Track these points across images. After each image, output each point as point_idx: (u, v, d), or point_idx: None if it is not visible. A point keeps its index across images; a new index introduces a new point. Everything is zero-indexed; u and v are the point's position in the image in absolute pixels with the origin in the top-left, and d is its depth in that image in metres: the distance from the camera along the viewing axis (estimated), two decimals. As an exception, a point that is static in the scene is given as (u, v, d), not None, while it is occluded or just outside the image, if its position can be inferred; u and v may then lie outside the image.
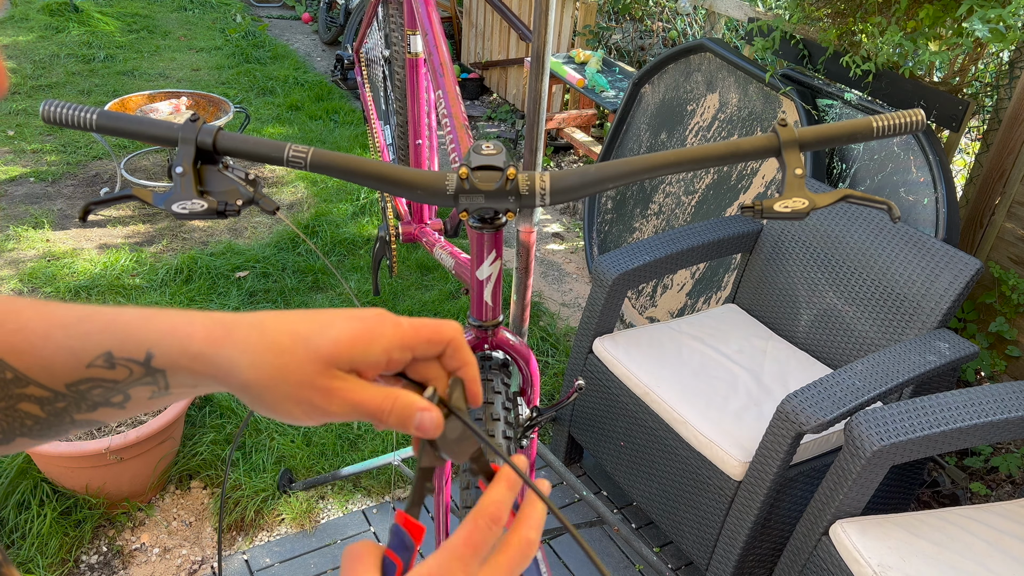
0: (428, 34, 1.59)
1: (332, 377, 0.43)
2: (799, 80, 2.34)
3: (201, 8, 6.52)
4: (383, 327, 0.44)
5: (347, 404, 0.43)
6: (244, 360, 0.43)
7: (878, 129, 0.80)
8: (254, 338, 0.43)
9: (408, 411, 0.44)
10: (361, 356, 0.43)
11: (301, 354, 0.42)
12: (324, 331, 0.43)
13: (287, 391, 0.43)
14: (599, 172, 0.79)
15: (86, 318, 0.44)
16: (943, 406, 1.45)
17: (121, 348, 0.43)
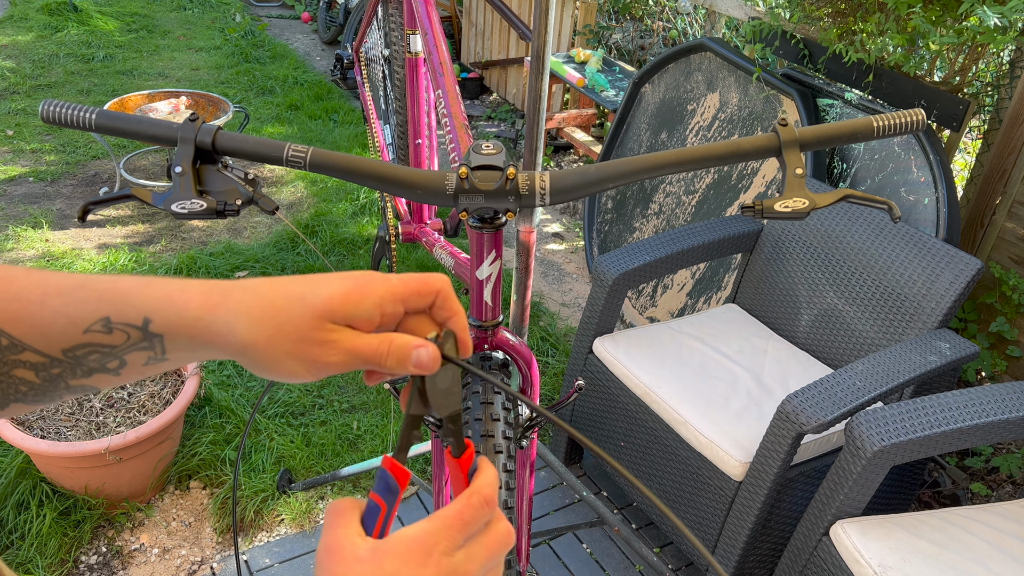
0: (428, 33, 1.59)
1: (329, 330, 0.44)
2: (799, 80, 2.34)
3: (200, 7, 6.52)
4: (373, 283, 0.46)
5: (345, 353, 0.45)
6: (241, 323, 0.44)
7: (879, 129, 0.80)
8: (249, 301, 0.44)
9: (405, 350, 0.46)
10: (354, 309, 0.45)
11: (296, 312, 0.44)
12: (317, 289, 0.45)
13: (287, 348, 0.44)
14: (599, 172, 0.79)
15: (81, 285, 0.45)
16: (944, 406, 1.45)
17: (119, 314, 0.44)
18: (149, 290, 0.45)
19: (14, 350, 0.44)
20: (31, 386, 0.45)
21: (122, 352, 0.45)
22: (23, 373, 0.44)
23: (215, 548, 1.91)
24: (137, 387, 2.01)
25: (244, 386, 2.39)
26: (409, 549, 0.41)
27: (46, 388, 0.46)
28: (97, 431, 1.86)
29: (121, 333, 0.44)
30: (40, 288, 0.44)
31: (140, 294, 0.44)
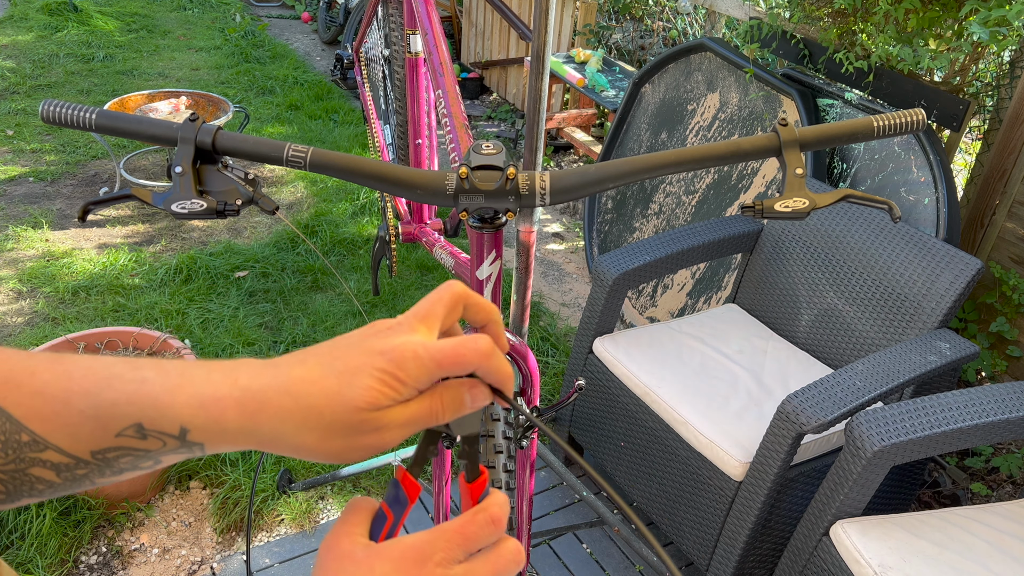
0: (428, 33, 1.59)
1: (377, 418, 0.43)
2: (799, 80, 2.34)
3: (200, 7, 6.52)
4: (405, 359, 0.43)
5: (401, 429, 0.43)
6: (287, 429, 0.42)
7: (879, 129, 0.80)
8: (289, 405, 0.42)
9: (459, 399, 0.45)
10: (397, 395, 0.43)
11: (340, 410, 0.42)
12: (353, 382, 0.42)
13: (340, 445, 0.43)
14: (599, 172, 0.79)
15: (108, 386, 0.42)
16: (944, 406, 1.45)
17: (152, 421, 0.42)
18: (181, 396, 0.42)
19: (35, 447, 0.41)
20: (49, 484, 0.43)
21: (158, 455, 0.43)
22: (42, 472, 0.42)
23: (215, 548, 1.91)
24: (137, 387, 2.01)
25: (244, 386, 2.39)
26: (403, 555, 0.40)
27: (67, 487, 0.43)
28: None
29: (156, 440, 0.42)
30: (64, 384, 0.42)
31: (172, 401, 0.42)
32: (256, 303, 2.81)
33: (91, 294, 2.78)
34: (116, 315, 2.68)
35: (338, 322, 2.73)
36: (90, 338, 2.22)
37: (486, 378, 0.46)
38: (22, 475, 0.42)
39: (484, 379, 0.46)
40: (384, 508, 0.44)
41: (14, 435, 0.41)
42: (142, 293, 2.80)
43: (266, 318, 2.73)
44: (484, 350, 0.45)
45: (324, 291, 2.93)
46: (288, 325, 2.70)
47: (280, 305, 2.81)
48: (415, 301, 3.09)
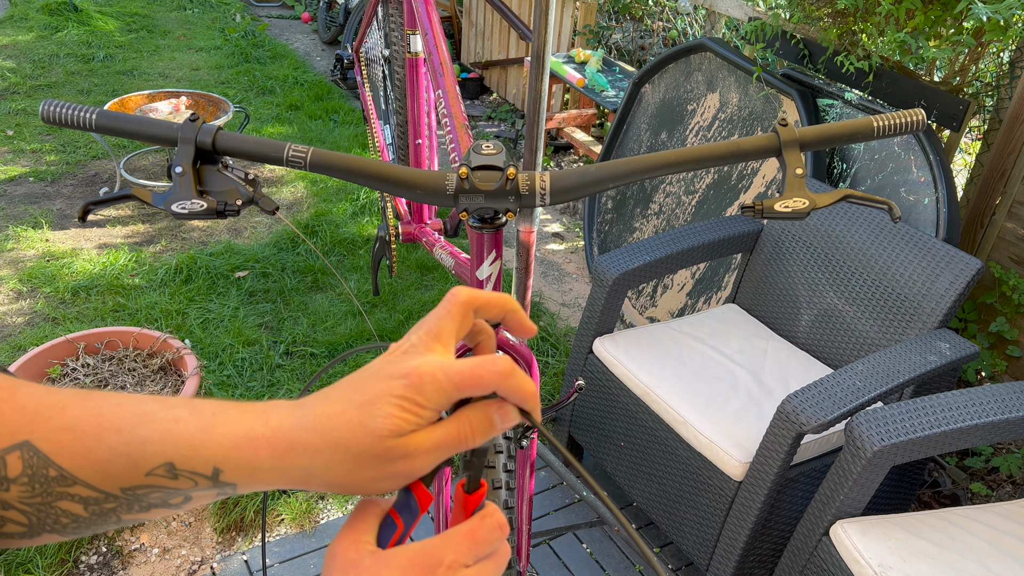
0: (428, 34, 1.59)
1: (403, 445, 0.43)
2: (799, 80, 2.34)
3: (200, 7, 6.52)
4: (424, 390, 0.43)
5: (429, 454, 0.43)
6: (317, 465, 0.42)
7: (879, 129, 0.80)
8: (316, 442, 0.42)
9: (487, 422, 0.45)
10: (415, 422, 0.43)
11: (365, 441, 0.42)
12: (373, 411, 0.42)
13: (371, 475, 0.43)
14: (599, 172, 0.79)
15: (139, 423, 0.42)
16: (944, 406, 1.45)
17: (184, 460, 0.42)
18: (215, 436, 0.42)
19: (64, 482, 0.41)
20: (75, 519, 0.43)
21: (188, 493, 0.43)
22: (69, 506, 0.42)
23: (215, 548, 1.91)
24: (137, 387, 2.01)
25: (244, 386, 2.39)
26: (412, 561, 0.40)
27: (92, 522, 0.43)
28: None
29: (188, 480, 0.42)
30: (95, 420, 0.42)
31: (206, 441, 0.42)
32: (256, 303, 2.81)
33: (91, 294, 2.78)
34: (116, 315, 2.68)
35: (338, 322, 2.73)
36: (90, 338, 2.22)
37: (508, 398, 0.46)
38: (48, 508, 0.42)
39: (507, 398, 0.46)
40: (394, 515, 0.44)
41: (42, 469, 0.41)
42: (142, 293, 2.80)
43: (266, 318, 2.73)
44: (503, 370, 0.45)
45: (324, 291, 2.93)
46: (288, 325, 2.70)
47: (280, 305, 2.81)
48: (415, 301, 3.09)
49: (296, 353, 2.57)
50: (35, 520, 0.42)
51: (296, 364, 2.52)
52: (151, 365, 2.20)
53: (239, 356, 2.51)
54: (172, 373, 2.21)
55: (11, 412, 0.41)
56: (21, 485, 0.41)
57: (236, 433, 0.43)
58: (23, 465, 0.41)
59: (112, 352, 2.23)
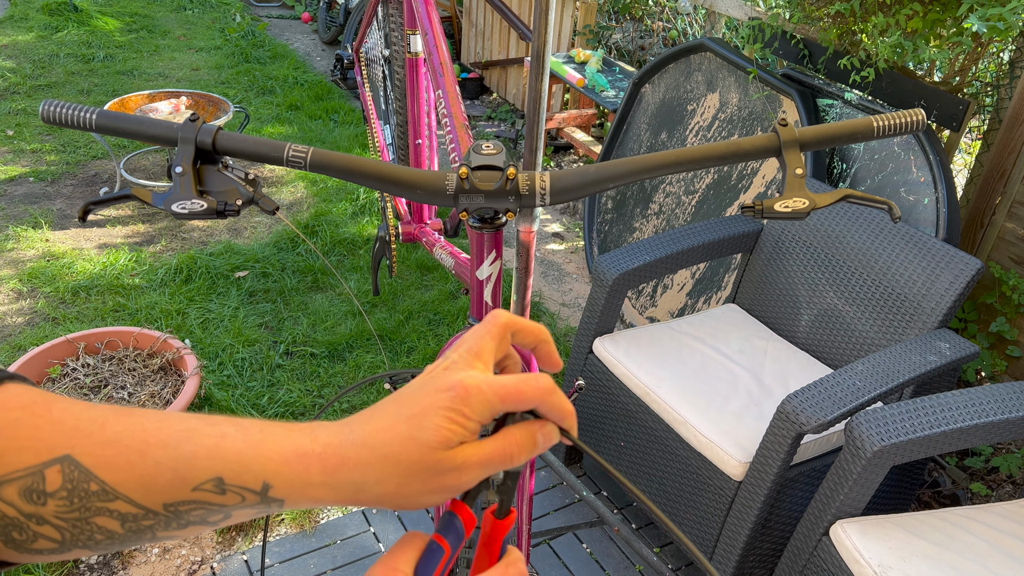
0: (428, 34, 1.59)
1: (452, 457, 0.44)
2: (799, 80, 2.34)
3: (200, 8, 6.52)
4: (469, 394, 0.44)
5: (476, 469, 0.45)
6: (368, 480, 0.43)
7: (879, 129, 0.80)
8: (367, 457, 0.43)
9: (531, 440, 0.46)
10: (462, 434, 0.44)
11: (415, 454, 0.43)
12: (422, 424, 0.44)
13: (420, 488, 0.44)
14: (599, 172, 0.79)
15: (186, 439, 0.42)
16: (944, 406, 1.45)
17: (234, 476, 0.42)
18: (263, 451, 0.43)
19: (104, 497, 0.41)
20: (109, 535, 0.42)
21: (232, 510, 0.43)
22: (106, 522, 0.42)
23: (215, 548, 1.91)
24: (137, 387, 2.01)
25: (244, 386, 2.39)
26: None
27: (126, 539, 0.43)
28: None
29: (235, 495, 0.42)
30: (140, 434, 0.42)
31: (255, 456, 0.43)
32: (256, 303, 2.81)
33: (91, 294, 2.78)
34: (116, 315, 2.68)
35: (338, 322, 2.73)
36: (90, 338, 2.22)
37: (547, 415, 0.47)
38: (84, 523, 0.41)
39: (546, 415, 0.47)
40: (439, 540, 0.45)
41: (82, 483, 0.41)
42: (142, 293, 2.80)
43: (266, 318, 2.73)
44: (545, 387, 0.46)
45: (324, 291, 2.93)
46: (288, 325, 2.70)
47: (280, 305, 2.81)
48: (415, 301, 3.10)
49: (296, 353, 2.57)
50: (68, 536, 0.42)
51: (296, 364, 2.52)
52: (151, 365, 2.20)
53: (239, 356, 2.51)
54: (172, 373, 2.21)
55: (48, 427, 0.41)
56: (59, 500, 0.41)
57: (286, 449, 0.43)
58: (63, 479, 0.40)
59: (112, 352, 2.23)
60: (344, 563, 1.90)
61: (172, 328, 2.61)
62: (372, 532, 1.98)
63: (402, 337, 2.67)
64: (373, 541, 1.96)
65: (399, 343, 2.64)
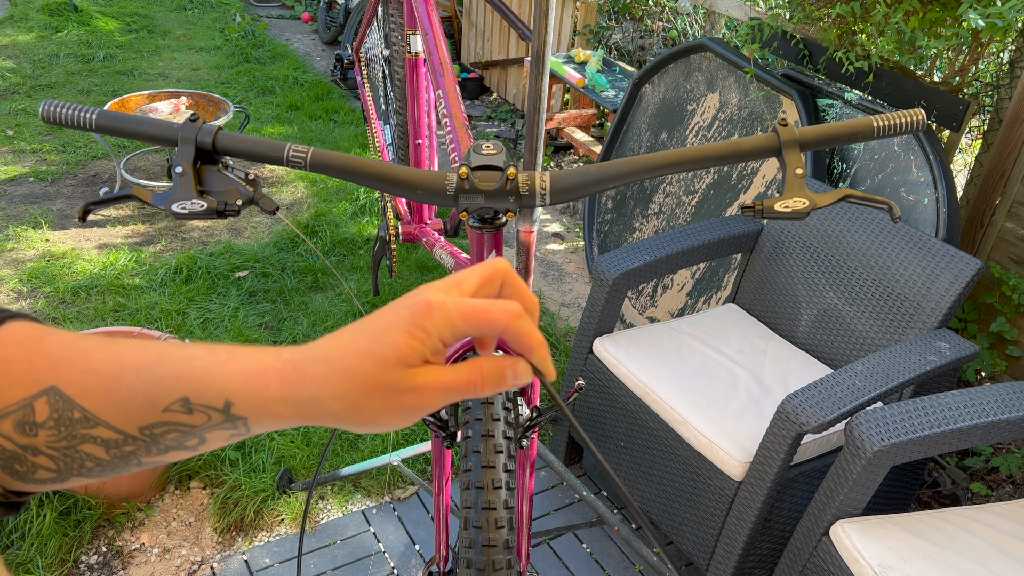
0: (428, 34, 1.59)
1: (411, 376, 0.43)
2: (799, 80, 2.34)
3: (200, 8, 6.52)
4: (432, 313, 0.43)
5: (437, 392, 0.44)
6: (326, 394, 0.43)
7: (879, 129, 0.80)
8: (325, 371, 0.43)
9: (499, 373, 0.45)
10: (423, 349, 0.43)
11: (372, 369, 0.43)
12: (382, 339, 0.43)
13: (379, 407, 0.43)
14: (599, 172, 0.79)
15: (158, 362, 0.44)
16: (944, 406, 1.45)
17: (198, 395, 0.43)
18: (227, 369, 0.43)
19: (87, 424, 0.43)
20: (98, 462, 0.44)
21: (202, 431, 0.44)
22: (92, 449, 0.43)
23: (215, 548, 1.91)
24: (137, 387, 2.01)
25: (244, 386, 2.39)
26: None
27: (115, 464, 0.45)
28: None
29: (202, 414, 0.43)
30: (117, 361, 0.43)
31: (219, 375, 0.43)
32: (256, 303, 2.81)
33: (91, 294, 2.78)
34: (116, 315, 2.68)
35: (338, 322, 2.73)
36: (90, 338, 2.22)
37: (515, 341, 0.46)
38: (74, 452, 0.43)
39: (512, 344, 0.46)
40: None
41: (67, 412, 0.42)
42: (142, 293, 2.80)
43: (266, 318, 2.73)
44: (513, 311, 0.45)
45: (324, 291, 2.93)
46: (288, 325, 2.70)
47: (280, 305, 2.81)
48: (415, 301, 3.08)
49: (296, 353, 2.57)
50: (63, 465, 0.43)
51: (296, 364, 2.52)
52: (151, 365, 2.20)
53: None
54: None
55: (39, 360, 0.43)
56: (48, 430, 0.42)
57: (248, 366, 0.43)
58: (50, 409, 0.42)
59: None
60: (344, 563, 1.90)
61: (172, 328, 2.61)
62: (372, 532, 1.98)
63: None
64: (373, 541, 1.96)
65: (399, 343, 2.64)
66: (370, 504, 2.06)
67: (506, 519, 0.90)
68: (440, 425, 1.04)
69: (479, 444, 0.92)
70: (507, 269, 0.48)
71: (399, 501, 2.08)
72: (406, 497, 2.09)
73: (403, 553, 1.94)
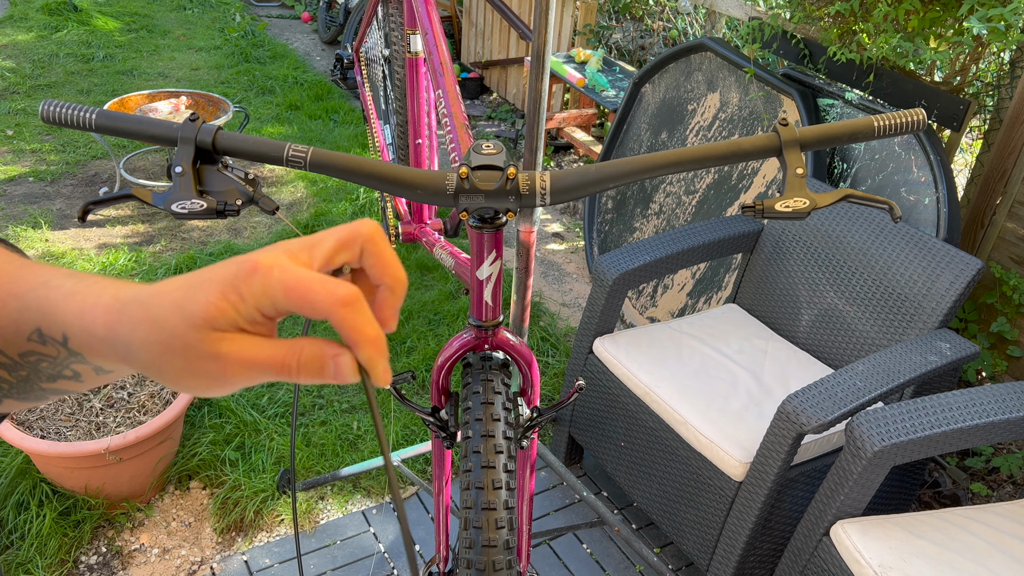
0: (428, 33, 1.59)
1: (214, 341, 0.38)
2: (800, 80, 2.34)
3: (200, 7, 6.52)
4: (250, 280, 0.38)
5: (243, 366, 0.39)
6: (136, 340, 0.39)
7: (879, 129, 0.80)
8: (139, 315, 0.39)
9: (318, 361, 0.40)
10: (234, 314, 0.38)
11: (178, 323, 0.38)
12: (195, 295, 0.38)
13: (179, 365, 0.39)
14: (599, 172, 0.79)
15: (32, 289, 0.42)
16: (944, 406, 1.45)
17: (48, 326, 0.42)
18: (72, 302, 0.41)
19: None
20: (11, 384, 0.44)
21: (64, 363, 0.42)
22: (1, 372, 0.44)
23: (215, 548, 1.91)
24: (137, 387, 2.01)
25: (244, 386, 2.39)
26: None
27: (24, 388, 0.45)
28: (97, 431, 1.86)
29: (52, 346, 0.42)
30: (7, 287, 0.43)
31: (65, 307, 0.41)
32: (256, 303, 2.81)
33: (91, 294, 2.77)
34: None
35: (338, 322, 2.73)
36: (90, 338, 2.22)
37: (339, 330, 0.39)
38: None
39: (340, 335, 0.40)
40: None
41: None
42: (142, 293, 2.80)
43: (266, 318, 2.73)
44: (341, 296, 0.38)
45: (324, 291, 2.92)
46: (288, 325, 2.70)
47: (280, 305, 2.81)
48: (415, 301, 3.09)
49: (296, 353, 2.57)
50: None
51: (296, 364, 2.52)
52: (151, 365, 2.19)
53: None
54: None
55: None
56: None
57: (88, 301, 0.41)
58: None
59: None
60: (344, 563, 1.89)
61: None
62: (372, 532, 1.98)
63: (402, 337, 2.67)
64: (373, 541, 1.96)
65: (399, 343, 2.64)
66: (370, 504, 2.06)
67: (506, 519, 0.90)
68: (440, 425, 1.04)
69: (479, 444, 0.92)
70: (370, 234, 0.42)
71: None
72: (406, 497, 2.09)
73: (403, 553, 1.93)
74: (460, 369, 1.03)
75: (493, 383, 0.96)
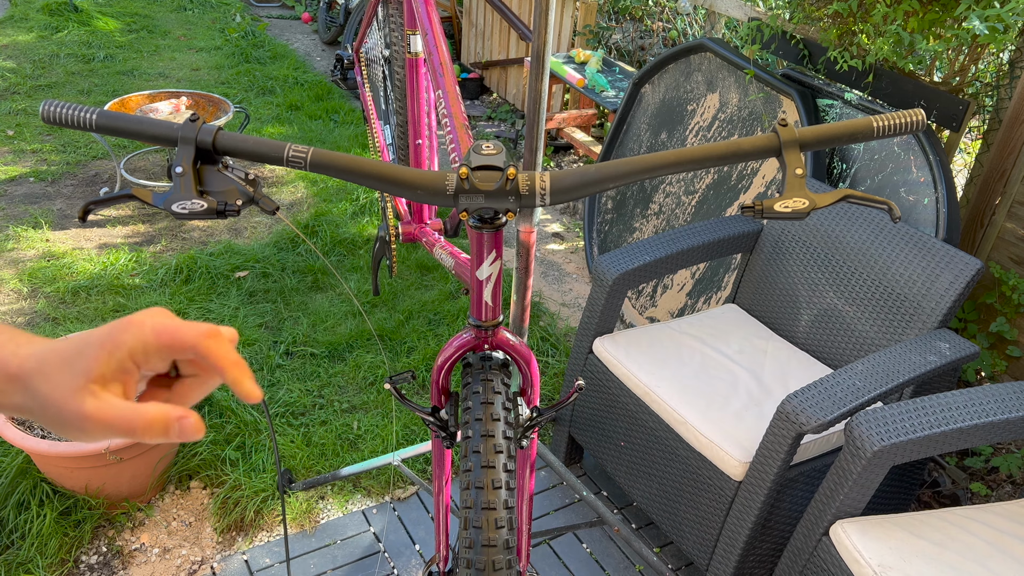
0: (428, 34, 1.59)
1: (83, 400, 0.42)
2: (799, 80, 2.34)
3: (201, 8, 6.52)
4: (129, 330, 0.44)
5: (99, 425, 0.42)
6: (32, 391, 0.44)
7: (878, 129, 0.80)
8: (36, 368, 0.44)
9: (163, 424, 0.43)
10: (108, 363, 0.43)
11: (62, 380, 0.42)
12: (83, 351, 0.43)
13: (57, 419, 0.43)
14: (599, 172, 0.79)
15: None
16: (944, 406, 1.45)
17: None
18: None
19: None
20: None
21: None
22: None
23: (215, 548, 1.91)
24: (137, 387, 2.01)
25: (244, 386, 2.39)
26: None
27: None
28: (97, 431, 1.86)
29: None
30: None
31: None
32: (256, 303, 2.81)
33: (91, 294, 2.78)
34: (116, 315, 2.68)
35: (338, 322, 2.73)
36: (90, 338, 2.22)
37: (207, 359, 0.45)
38: None
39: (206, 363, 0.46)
40: None
41: None
42: (142, 293, 2.80)
43: (266, 318, 2.73)
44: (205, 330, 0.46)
45: (324, 291, 2.93)
46: (288, 325, 2.70)
47: (280, 305, 2.81)
48: (415, 301, 3.10)
49: (296, 353, 2.57)
50: None
51: (296, 364, 2.52)
52: (151, 365, 2.19)
53: (240, 356, 2.51)
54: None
55: None
56: None
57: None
58: None
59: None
60: (344, 563, 1.90)
61: (172, 328, 2.61)
62: (372, 532, 1.98)
63: (402, 337, 2.67)
64: (373, 541, 1.96)
65: (399, 343, 2.64)
66: (370, 504, 2.06)
67: (506, 519, 0.90)
68: (440, 425, 1.04)
69: (479, 444, 0.92)
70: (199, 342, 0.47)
71: (399, 501, 2.08)
72: (406, 497, 2.09)
73: (403, 553, 1.94)
74: (460, 369, 1.03)
75: (493, 383, 0.96)
